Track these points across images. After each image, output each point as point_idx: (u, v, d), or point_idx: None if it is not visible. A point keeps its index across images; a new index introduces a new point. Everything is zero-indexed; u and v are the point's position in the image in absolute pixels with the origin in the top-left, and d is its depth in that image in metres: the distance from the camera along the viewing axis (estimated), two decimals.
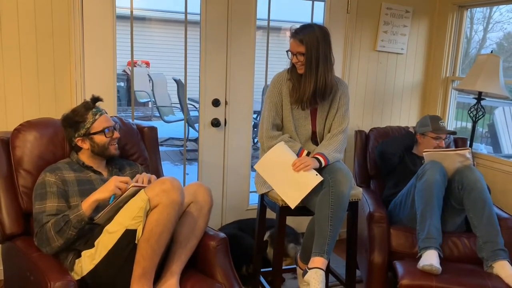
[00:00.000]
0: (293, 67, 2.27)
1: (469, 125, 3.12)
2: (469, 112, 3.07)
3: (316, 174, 2.09)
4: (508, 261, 2.15)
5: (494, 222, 2.24)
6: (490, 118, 4.79)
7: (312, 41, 2.15)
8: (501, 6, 7.14)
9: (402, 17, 3.32)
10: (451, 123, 3.58)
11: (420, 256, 2.19)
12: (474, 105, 3.03)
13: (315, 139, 2.33)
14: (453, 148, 2.82)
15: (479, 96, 3.00)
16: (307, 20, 3.23)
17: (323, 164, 2.16)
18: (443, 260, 2.18)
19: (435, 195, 2.29)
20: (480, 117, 3.04)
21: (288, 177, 2.11)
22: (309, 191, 2.07)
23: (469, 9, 3.44)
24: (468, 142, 3.07)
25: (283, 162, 2.14)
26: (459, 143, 3.06)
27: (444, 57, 3.44)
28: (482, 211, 2.24)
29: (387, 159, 2.72)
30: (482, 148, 5.04)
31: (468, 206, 2.28)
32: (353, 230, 2.29)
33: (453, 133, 2.77)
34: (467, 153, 2.33)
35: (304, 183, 2.08)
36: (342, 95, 2.32)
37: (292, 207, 2.09)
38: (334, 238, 2.05)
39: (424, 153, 2.45)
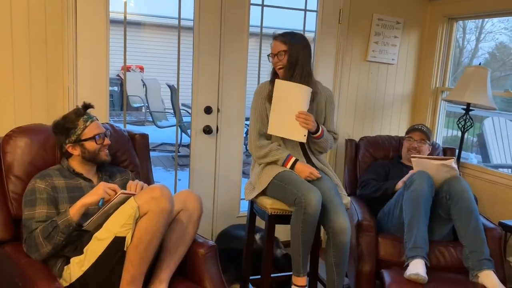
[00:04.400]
0: (273, 76, 2.31)
1: (460, 134, 3.16)
2: (458, 122, 3.11)
3: (304, 135, 2.19)
4: (494, 271, 2.18)
5: (480, 232, 2.27)
6: (480, 128, 4.84)
7: (294, 42, 2.22)
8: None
9: (393, 28, 3.37)
10: (441, 132, 3.63)
11: (407, 265, 2.22)
12: (463, 115, 3.08)
13: (302, 146, 2.34)
14: (439, 157, 2.86)
15: (468, 107, 3.04)
16: (300, 28, 3.27)
17: (319, 133, 2.25)
18: (429, 269, 2.21)
19: (422, 204, 2.32)
20: (468, 127, 3.08)
21: (287, 113, 2.18)
22: (286, 137, 2.23)
23: (460, 21, 3.50)
24: (457, 152, 3.11)
25: (295, 101, 2.18)
26: (448, 153, 3.10)
27: (434, 68, 3.49)
28: (468, 221, 2.27)
29: (370, 184, 2.75)
30: (472, 157, 5.09)
31: (455, 216, 2.31)
32: None
33: (427, 136, 2.81)
34: (452, 163, 2.36)
35: (290, 130, 2.20)
36: (327, 101, 2.37)
37: (268, 132, 2.22)
38: (342, 278, 2.19)
39: (412, 159, 2.49)
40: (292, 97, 2.18)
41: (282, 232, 3.04)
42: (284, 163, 2.22)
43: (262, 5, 3.05)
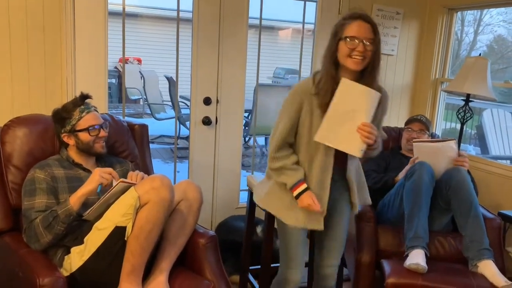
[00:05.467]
0: (331, 68, 1.77)
1: (458, 126, 3.16)
2: (458, 113, 3.11)
3: (362, 150, 1.76)
4: (493, 260, 2.19)
5: (480, 222, 2.28)
6: (479, 120, 4.85)
7: (379, 33, 1.76)
8: (491, 9, 7.23)
9: (393, 18, 3.36)
10: (440, 124, 3.63)
11: (407, 255, 2.22)
12: (462, 106, 3.08)
13: (340, 166, 1.89)
14: (440, 139, 2.87)
15: (467, 98, 3.04)
16: (299, 20, 3.25)
17: (374, 147, 1.81)
18: (429, 259, 2.21)
19: (423, 195, 2.32)
20: (468, 118, 3.08)
21: (346, 120, 1.74)
22: (340, 149, 1.77)
23: (459, 12, 3.49)
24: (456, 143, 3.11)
25: (361, 108, 1.74)
26: None
27: (433, 58, 3.48)
28: (468, 211, 2.28)
29: (370, 175, 2.74)
30: (471, 149, 5.11)
31: (455, 206, 2.32)
32: None
33: (426, 126, 2.80)
34: (452, 143, 2.38)
35: (345, 141, 1.76)
36: (383, 106, 1.88)
37: (316, 139, 1.76)
38: None
39: (413, 143, 2.50)
40: (357, 102, 1.73)
41: None
42: (292, 188, 1.83)
43: None
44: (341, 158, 1.86)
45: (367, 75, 1.77)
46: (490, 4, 3.23)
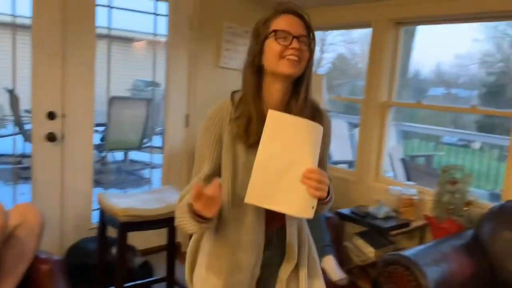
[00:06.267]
0: (253, 81, 1.32)
1: None
2: None
3: (313, 207, 1.22)
4: (332, 255, 2.45)
5: (321, 222, 2.53)
6: None
7: (314, 34, 1.32)
8: (333, 31, 8.11)
9: (242, 36, 3.54)
10: None
11: None
12: None
13: (277, 226, 1.38)
14: None
15: None
16: (150, 31, 3.23)
17: (328, 198, 1.28)
18: None
19: None
20: None
21: (284, 170, 1.22)
22: (283, 211, 1.25)
23: None
24: None
25: (301, 149, 1.23)
26: None
27: None
28: None
29: None
30: None
31: None
32: None
33: None
34: None
35: (288, 199, 1.22)
36: (325, 134, 1.32)
37: (247, 201, 1.20)
38: None
39: None
40: (294, 141, 1.24)
41: (139, 240, 2.96)
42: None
43: (110, 6, 2.96)
44: (277, 214, 1.25)
45: (302, 88, 1.31)
46: (325, 28, 3.63)
